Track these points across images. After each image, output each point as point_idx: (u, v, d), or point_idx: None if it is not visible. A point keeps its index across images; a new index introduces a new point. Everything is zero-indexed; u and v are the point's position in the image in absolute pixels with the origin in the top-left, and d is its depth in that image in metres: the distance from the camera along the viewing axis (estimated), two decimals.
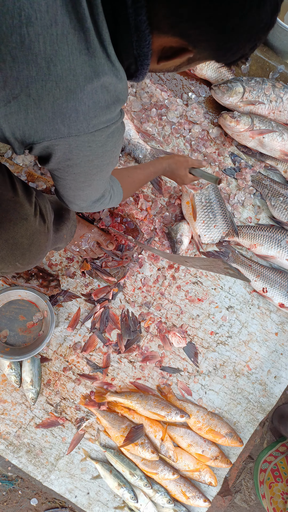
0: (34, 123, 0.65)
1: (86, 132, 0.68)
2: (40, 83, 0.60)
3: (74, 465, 1.44)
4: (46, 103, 0.62)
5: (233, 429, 1.47)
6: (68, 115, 0.65)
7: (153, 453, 1.38)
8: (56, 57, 0.59)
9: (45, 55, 0.58)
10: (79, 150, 0.72)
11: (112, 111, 0.70)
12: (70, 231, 1.25)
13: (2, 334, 1.41)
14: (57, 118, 0.64)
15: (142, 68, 0.72)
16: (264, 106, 1.53)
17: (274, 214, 1.58)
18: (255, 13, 0.61)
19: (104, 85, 0.65)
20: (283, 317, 1.57)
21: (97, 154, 0.75)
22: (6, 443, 1.42)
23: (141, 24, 0.63)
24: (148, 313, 1.49)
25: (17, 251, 0.95)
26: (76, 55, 0.60)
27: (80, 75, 0.61)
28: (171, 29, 0.64)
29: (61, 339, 1.46)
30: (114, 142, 0.77)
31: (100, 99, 0.66)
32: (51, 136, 0.67)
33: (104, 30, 0.61)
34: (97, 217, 1.43)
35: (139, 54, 0.68)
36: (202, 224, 1.48)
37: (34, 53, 0.58)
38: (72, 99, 0.63)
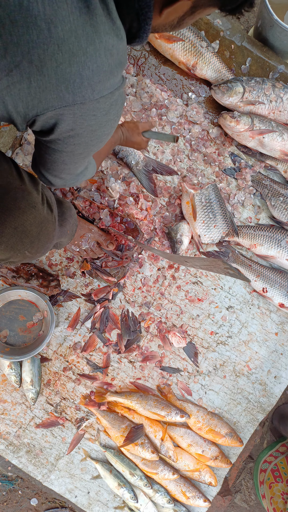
0: (37, 92, 0.62)
1: (91, 99, 0.66)
2: (41, 47, 0.58)
3: (74, 465, 1.44)
4: (49, 69, 0.60)
5: (233, 429, 1.47)
6: (72, 80, 0.62)
7: (153, 453, 1.38)
8: (56, 17, 0.57)
9: (44, 16, 0.56)
10: (84, 119, 0.70)
11: (115, 76, 0.67)
12: (72, 228, 1.25)
13: (2, 334, 1.41)
14: (61, 85, 0.62)
15: (145, 23, 0.69)
16: (264, 106, 1.53)
17: (274, 214, 1.58)
18: None
19: (106, 47, 0.63)
20: (283, 317, 1.57)
21: (101, 124, 0.73)
22: (6, 443, 1.42)
23: None
24: (148, 313, 1.49)
25: (26, 239, 0.94)
26: (76, 15, 0.58)
27: (82, 37, 0.59)
28: None
29: (61, 339, 1.46)
30: (117, 110, 0.75)
31: (104, 63, 0.64)
32: (55, 105, 0.65)
33: None
34: (97, 217, 1.43)
35: (141, 6, 0.66)
36: (202, 224, 1.48)
37: (33, 15, 0.55)
38: (76, 63, 0.61)
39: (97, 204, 1.44)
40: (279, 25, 1.48)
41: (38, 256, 1.02)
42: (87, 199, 1.44)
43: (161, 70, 1.59)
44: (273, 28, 1.52)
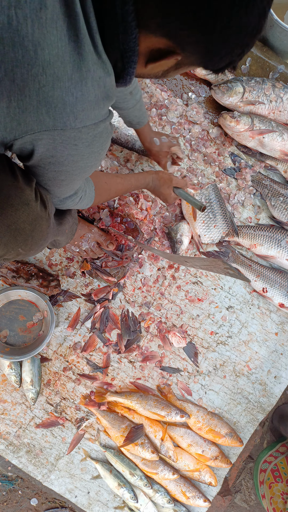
0: (17, 112, 0.61)
1: (72, 126, 0.65)
2: (25, 67, 0.57)
3: (74, 465, 1.44)
4: (31, 89, 0.59)
5: (233, 429, 1.47)
6: (54, 105, 0.61)
7: (153, 453, 1.38)
8: (44, 41, 0.56)
9: (32, 38, 0.56)
10: (64, 147, 0.69)
11: (101, 108, 0.67)
12: (71, 228, 1.25)
13: (2, 334, 1.41)
14: (42, 108, 0.61)
15: (129, 66, 0.69)
16: (264, 106, 1.53)
17: (274, 214, 1.58)
18: (243, 15, 0.59)
19: (93, 77, 0.62)
20: (283, 317, 1.57)
21: (83, 155, 0.73)
22: (6, 443, 1.42)
23: (127, 15, 0.61)
24: (148, 313, 1.49)
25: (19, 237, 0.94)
26: (65, 42, 0.58)
27: (68, 63, 0.59)
28: (159, 28, 0.62)
29: (61, 339, 1.46)
30: (101, 143, 0.74)
31: (90, 92, 0.63)
32: (34, 129, 0.64)
33: (91, 17, 0.59)
34: (97, 217, 1.43)
35: (125, 49, 0.66)
36: (202, 224, 1.48)
37: (21, 35, 0.55)
38: (59, 88, 0.60)
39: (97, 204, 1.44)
40: (279, 25, 1.48)
41: (33, 254, 1.02)
42: None
43: None
44: (273, 28, 1.52)
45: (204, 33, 0.61)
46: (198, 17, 0.59)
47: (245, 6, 0.58)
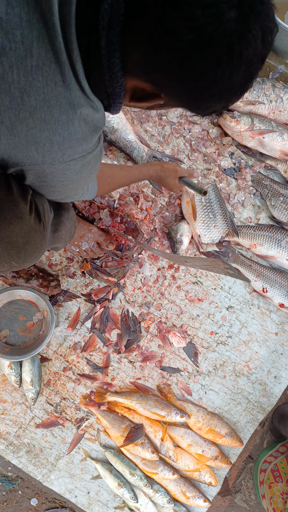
0: (7, 149, 0.64)
1: (60, 161, 0.68)
2: (13, 111, 0.59)
3: (74, 465, 1.44)
4: (20, 131, 0.62)
5: (233, 429, 1.47)
6: (42, 144, 0.64)
7: (153, 453, 1.38)
8: (30, 88, 0.58)
9: (18, 85, 0.57)
10: (54, 176, 0.72)
11: (88, 142, 0.69)
12: (69, 231, 1.25)
13: (2, 334, 1.41)
14: (31, 146, 0.64)
15: (114, 105, 0.70)
16: (264, 106, 1.53)
17: (274, 214, 1.58)
18: (228, 79, 0.58)
19: (81, 116, 0.64)
20: (283, 317, 1.57)
21: (72, 180, 0.76)
22: (6, 443, 1.42)
23: (114, 66, 0.61)
24: (148, 313, 1.49)
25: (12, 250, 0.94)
26: (51, 87, 0.59)
27: (54, 106, 0.61)
28: (144, 75, 0.63)
29: (61, 339, 1.46)
30: (90, 169, 0.77)
31: (77, 131, 0.65)
32: (25, 162, 0.67)
33: (78, 65, 0.60)
34: (97, 217, 1.43)
35: (111, 93, 0.67)
36: (202, 224, 1.48)
37: (7, 83, 0.57)
38: (46, 130, 0.63)
39: (97, 204, 1.44)
40: (279, 25, 1.48)
41: (27, 265, 1.03)
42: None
43: None
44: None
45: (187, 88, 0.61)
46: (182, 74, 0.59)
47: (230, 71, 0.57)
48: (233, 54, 0.55)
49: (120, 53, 0.60)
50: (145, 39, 0.57)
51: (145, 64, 0.60)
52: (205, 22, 0.52)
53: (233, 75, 0.58)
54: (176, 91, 0.63)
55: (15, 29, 0.54)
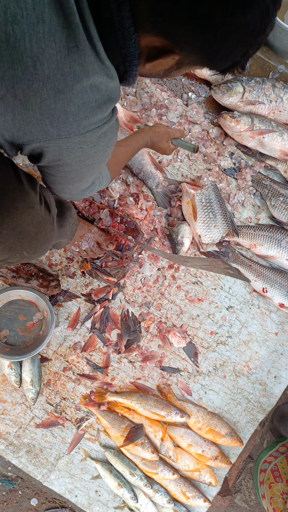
0: (21, 124, 0.63)
1: (76, 133, 0.66)
2: (26, 83, 0.58)
3: (74, 465, 1.44)
4: (33, 104, 0.60)
5: (233, 429, 1.47)
6: (56, 116, 0.62)
7: (153, 453, 1.38)
8: (43, 55, 0.56)
9: (31, 53, 0.56)
10: (70, 151, 0.70)
11: (103, 111, 0.67)
12: (71, 229, 1.25)
13: (2, 334, 1.41)
14: (45, 120, 0.62)
15: (131, 69, 0.69)
16: (264, 106, 1.53)
17: (274, 214, 1.58)
18: (241, 14, 0.56)
19: (94, 84, 0.62)
20: (283, 317, 1.57)
21: (89, 154, 0.74)
22: (6, 443, 1.42)
23: (124, 21, 0.60)
24: (148, 313, 1.49)
25: (24, 240, 0.94)
26: (64, 53, 0.58)
27: (68, 74, 0.59)
28: (154, 27, 0.61)
29: (61, 339, 1.46)
30: (106, 141, 0.74)
31: (91, 99, 0.63)
32: (40, 138, 0.65)
33: (91, 26, 0.59)
34: (97, 217, 1.43)
35: (126, 54, 0.66)
36: (202, 224, 1.48)
37: (20, 52, 0.55)
38: (61, 100, 0.61)
39: (97, 204, 1.44)
40: (279, 25, 1.48)
41: (37, 257, 1.02)
42: (87, 199, 1.44)
43: None
44: (273, 28, 1.52)
45: (199, 32, 0.59)
46: (191, 15, 0.57)
47: (242, 5, 0.55)
48: None
49: (129, 5, 0.58)
50: None
51: (153, 13, 0.59)
52: None
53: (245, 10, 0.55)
54: (188, 39, 0.61)
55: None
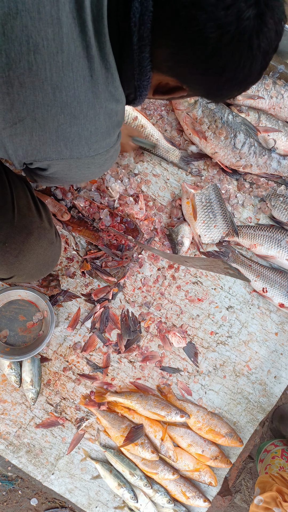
0: (38, 144, 0.67)
1: (87, 155, 0.72)
2: (45, 108, 0.62)
3: (74, 465, 1.44)
4: (51, 127, 0.64)
5: (233, 429, 1.47)
6: (71, 139, 0.67)
7: (153, 453, 1.38)
8: (61, 83, 0.61)
9: (51, 81, 0.60)
10: (78, 169, 0.76)
11: (111, 136, 0.73)
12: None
13: (2, 334, 1.41)
14: (60, 142, 0.67)
15: (140, 97, 0.75)
16: (264, 101, 1.54)
17: (274, 214, 1.58)
18: (247, 70, 0.64)
19: (106, 112, 0.68)
20: (283, 317, 1.57)
21: (93, 173, 0.80)
22: (6, 443, 1.42)
23: (144, 61, 0.66)
24: (148, 313, 1.49)
25: (43, 269, 1.10)
26: (80, 82, 0.62)
27: (84, 102, 0.64)
28: (170, 70, 0.68)
29: (61, 339, 1.46)
30: (111, 162, 0.82)
31: (102, 125, 0.69)
32: (52, 157, 0.70)
33: (110, 58, 0.64)
34: (97, 217, 1.43)
35: (139, 86, 0.71)
36: (202, 224, 1.48)
37: (41, 80, 0.59)
38: (76, 125, 0.66)
39: (97, 204, 1.44)
40: None
41: None
42: (87, 199, 1.44)
43: None
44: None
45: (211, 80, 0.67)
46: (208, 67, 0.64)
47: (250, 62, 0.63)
48: (253, 47, 0.61)
49: (150, 47, 0.64)
50: (174, 38, 0.61)
51: (172, 60, 0.65)
52: (227, 21, 0.58)
53: (252, 65, 0.64)
54: (200, 83, 0.69)
55: (46, 27, 0.57)
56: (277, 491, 1.26)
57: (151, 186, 1.55)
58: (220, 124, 1.47)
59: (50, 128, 0.65)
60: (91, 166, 0.76)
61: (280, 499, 1.23)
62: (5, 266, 1.02)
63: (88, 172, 0.79)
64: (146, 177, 1.54)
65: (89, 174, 0.80)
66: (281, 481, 1.31)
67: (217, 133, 1.47)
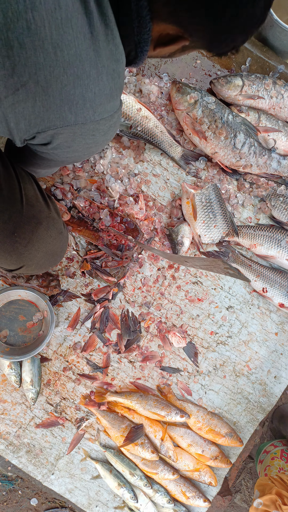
0: (41, 111, 0.64)
1: (92, 120, 0.69)
2: (48, 69, 0.59)
3: (74, 465, 1.44)
4: (54, 90, 0.62)
5: (233, 429, 1.47)
6: (75, 102, 0.64)
7: (153, 453, 1.38)
8: (62, 42, 0.58)
9: (51, 40, 0.57)
10: (83, 138, 0.72)
11: (115, 99, 0.70)
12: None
13: (2, 334, 1.41)
14: (65, 106, 0.64)
15: (141, 54, 0.73)
16: (264, 101, 1.54)
17: (274, 214, 1.58)
18: (250, 7, 0.63)
19: (108, 71, 0.65)
20: (283, 317, 1.57)
21: (97, 142, 0.77)
22: (6, 443, 1.42)
23: (142, 10, 0.64)
24: (148, 313, 1.49)
25: (52, 259, 1.09)
26: (81, 40, 0.60)
27: (86, 61, 0.61)
28: (170, 16, 0.66)
29: (61, 339, 1.46)
30: (114, 131, 0.78)
31: (106, 86, 0.66)
32: (57, 125, 0.67)
33: (109, 12, 0.61)
34: (97, 217, 1.43)
35: (139, 41, 0.69)
36: (202, 224, 1.48)
37: (41, 39, 0.57)
38: (79, 86, 0.63)
39: (97, 204, 1.44)
40: (279, 25, 1.48)
41: None
42: (87, 199, 1.44)
43: (161, 70, 1.59)
44: (273, 28, 1.52)
45: (213, 23, 0.65)
46: (208, 7, 0.62)
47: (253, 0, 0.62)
48: None
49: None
50: None
51: (172, 3, 0.63)
52: None
53: (254, 3, 0.63)
54: (201, 28, 0.67)
55: None
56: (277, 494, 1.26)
57: (151, 186, 1.55)
58: (220, 124, 1.47)
59: (54, 91, 0.62)
60: (96, 133, 0.73)
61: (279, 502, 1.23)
62: (15, 256, 1.01)
63: (92, 142, 0.75)
64: (146, 177, 1.54)
65: (93, 144, 0.76)
66: (280, 484, 1.31)
67: (217, 133, 1.47)
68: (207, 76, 1.61)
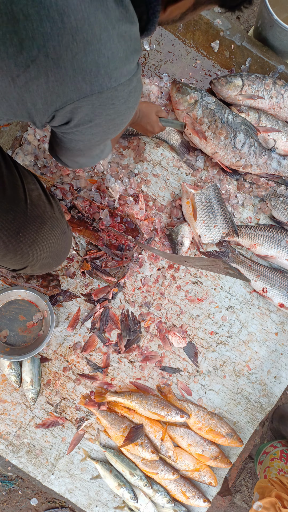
0: (55, 85, 0.62)
1: (109, 87, 0.65)
2: (56, 38, 0.57)
3: (74, 465, 1.44)
4: (65, 60, 0.59)
5: (233, 429, 1.47)
6: (89, 70, 0.62)
7: (153, 453, 1.38)
8: (68, 7, 0.56)
9: (56, 7, 0.55)
10: (102, 109, 0.69)
11: (131, 62, 0.67)
12: None
13: (2, 334, 1.41)
14: (78, 76, 0.62)
15: (153, 16, 0.70)
16: (264, 101, 1.54)
17: (274, 214, 1.58)
18: None
19: (119, 33, 0.63)
20: (283, 317, 1.57)
21: (119, 112, 0.73)
22: (6, 443, 1.42)
23: None
24: (148, 313, 1.49)
25: (56, 259, 1.10)
26: (87, 2, 0.57)
27: (94, 24, 0.59)
28: None
29: (61, 339, 1.46)
30: (136, 97, 0.74)
31: (119, 49, 0.63)
32: (73, 98, 0.65)
33: None
34: (97, 217, 1.43)
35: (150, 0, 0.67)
36: (202, 224, 1.48)
37: (46, 7, 0.55)
38: (91, 52, 0.60)
39: (97, 204, 1.44)
40: (279, 25, 1.48)
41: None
42: (87, 199, 1.44)
43: (161, 70, 1.59)
44: (273, 28, 1.52)
45: None
46: None
47: None
48: None
49: None
50: None
51: None
52: None
53: None
54: None
55: None
56: (276, 496, 1.26)
57: (151, 186, 1.55)
58: (220, 124, 1.47)
59: (65, 61, 0.59)
60: (115, 101, 0.69)
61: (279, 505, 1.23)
62: (19, 256, 1.01)
63: (113, 113, 0.71)
64: (146, 177, 1.54)
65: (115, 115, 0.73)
66: (280, 487, 1.31)
67: (217, 133, 1.47)
68: (207, 76, 1.61)
